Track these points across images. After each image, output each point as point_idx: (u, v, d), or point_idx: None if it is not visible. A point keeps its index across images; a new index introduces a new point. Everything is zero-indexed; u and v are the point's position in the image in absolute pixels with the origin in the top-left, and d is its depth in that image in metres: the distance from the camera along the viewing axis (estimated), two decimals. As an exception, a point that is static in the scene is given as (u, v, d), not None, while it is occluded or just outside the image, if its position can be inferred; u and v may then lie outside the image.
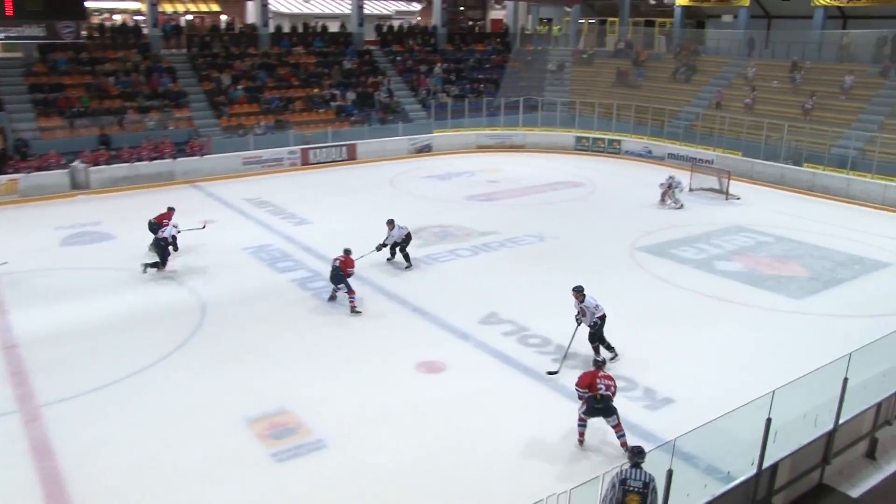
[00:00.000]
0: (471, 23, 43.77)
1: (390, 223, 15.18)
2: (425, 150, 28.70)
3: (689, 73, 33.76)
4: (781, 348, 12.09)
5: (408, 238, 15.13)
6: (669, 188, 21.45)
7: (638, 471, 7.06)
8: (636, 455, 7.17)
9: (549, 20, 47.07)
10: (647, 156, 29.09)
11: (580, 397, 9.24)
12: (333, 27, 35.17)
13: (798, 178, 24.36)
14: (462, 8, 48.08)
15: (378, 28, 35.99)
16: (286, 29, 33.43)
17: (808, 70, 29.69)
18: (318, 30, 33.87)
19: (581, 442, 9.41)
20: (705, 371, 11.30)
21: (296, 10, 44.68)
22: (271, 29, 32.26)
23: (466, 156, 28.69)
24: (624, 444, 9.22)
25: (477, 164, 26.66)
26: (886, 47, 28.57)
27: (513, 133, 30.50)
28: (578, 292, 11.31)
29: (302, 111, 28.09)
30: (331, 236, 16.99)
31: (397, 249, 15.26)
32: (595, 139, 30.14)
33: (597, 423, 9.48)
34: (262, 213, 19.18)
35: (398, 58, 33.78)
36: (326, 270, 14.03)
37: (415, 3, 49.82)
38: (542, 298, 13.63)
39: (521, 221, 18.76)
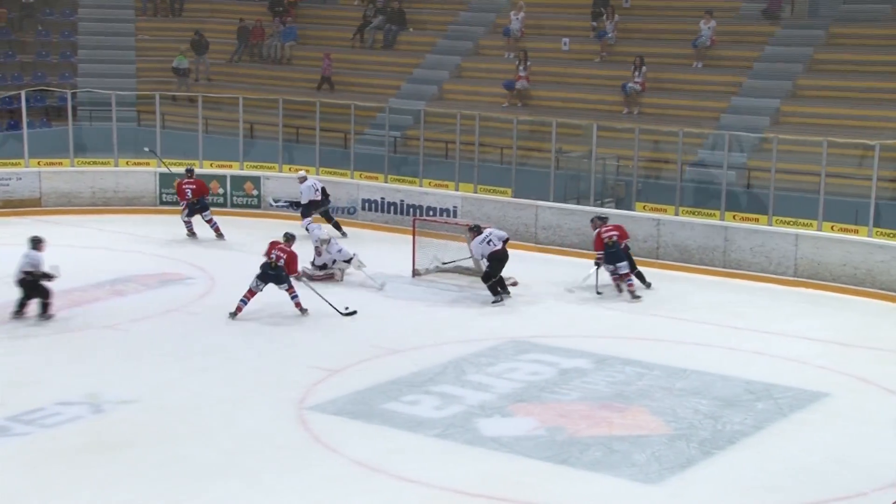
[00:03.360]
0: None
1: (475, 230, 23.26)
2: None
3: (393, 31, 35.99)
4: None
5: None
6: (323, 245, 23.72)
7: None
8: None
9: None
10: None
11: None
12: None
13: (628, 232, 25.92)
14: None
15: None
16: None
17: (621, 11, 32.89)
18: None
19: (233, 315, 21.06)
20: None
21: None
22: None
23: None
24: (298, 305, 21.33)
25: None
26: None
27: (9, 174, 30.40)
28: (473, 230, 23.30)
29: None
30: None
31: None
32: (203, 178, 30.11)
33: None
34: None
35: None
36: None
37: None
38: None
39: (40, 374, 18.73)
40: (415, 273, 24.47)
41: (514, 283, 23.74)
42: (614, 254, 22.89)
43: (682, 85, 30.47)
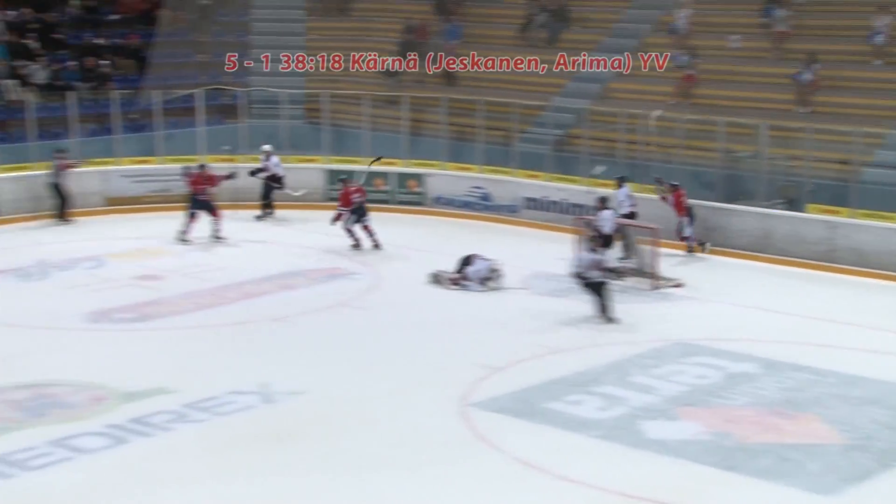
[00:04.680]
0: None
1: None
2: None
3: (557, 27, 35.96)
4: None
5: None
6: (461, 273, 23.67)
7: None
8: None
9: None
10: (481, 206, 30.18)
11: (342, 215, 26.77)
12: None
13: (798, 235, 25.74)
14: None
15: None
16: None
17: (792, 7, 32.41)
18: None
19: (355, 245, 26.68)
20: None
21: None
22: None
23: (83, 223, 29.48)
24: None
25: (110, 242, 27.50)
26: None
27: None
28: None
29: None
30: None
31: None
32: (372, 176, 30.62)
33: None
34: None
35: None
36: None
37: None
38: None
39: (215, 363, 19.22)
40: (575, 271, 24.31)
41: (680, 284, 23.75)
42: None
43: (858, 83, 29.72)
